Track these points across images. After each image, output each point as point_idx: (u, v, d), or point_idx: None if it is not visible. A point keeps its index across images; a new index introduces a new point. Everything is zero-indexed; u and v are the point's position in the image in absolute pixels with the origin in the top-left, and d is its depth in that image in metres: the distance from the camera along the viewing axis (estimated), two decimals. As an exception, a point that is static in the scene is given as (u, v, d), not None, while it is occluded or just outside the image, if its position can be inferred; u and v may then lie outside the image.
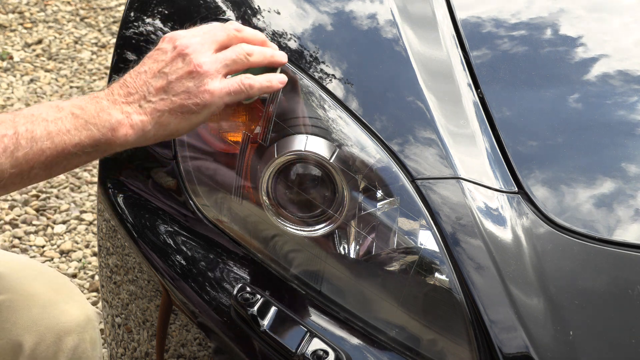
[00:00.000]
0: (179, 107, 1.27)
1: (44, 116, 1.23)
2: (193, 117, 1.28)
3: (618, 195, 1.35)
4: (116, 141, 1.25)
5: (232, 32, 1.34)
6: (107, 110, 1.25)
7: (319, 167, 1.35)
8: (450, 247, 1.28)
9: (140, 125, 1.26)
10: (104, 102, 1.26)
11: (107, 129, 1.24)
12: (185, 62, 1.28)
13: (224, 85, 1.29)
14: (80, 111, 1.24)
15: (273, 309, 1.32)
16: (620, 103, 1.49)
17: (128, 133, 1.25)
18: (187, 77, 1.28)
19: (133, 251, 1.52)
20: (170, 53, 1.29)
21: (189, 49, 1.29)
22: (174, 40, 1.30)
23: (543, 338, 1.22)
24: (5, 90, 3.67)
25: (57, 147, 1.22)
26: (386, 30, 1.54)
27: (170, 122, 1.27)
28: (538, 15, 1.66)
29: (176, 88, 1.27)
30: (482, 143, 1.39)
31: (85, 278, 2.81)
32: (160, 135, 1.28)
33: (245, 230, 1.41)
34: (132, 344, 1.63)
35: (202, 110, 1.28)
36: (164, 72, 1.28)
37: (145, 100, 1.27)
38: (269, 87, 1.34)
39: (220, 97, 1.29)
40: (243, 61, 1.32)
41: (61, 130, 1.22)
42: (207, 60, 1.29)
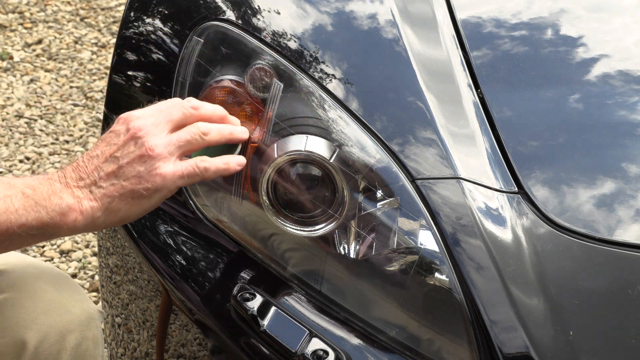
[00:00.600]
0: (129, 193, 1.24)
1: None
2: (144, 202, 1.25)
3: (618, 196, 1.35)
4: (64, 226, 1.22)
5: (189, 110, 1.30)
6: (59, 193, 1.22)
7: (319, 167, 1.35)
8: (450, 247, 1.28)
9: (90, 212, 1.23)
10: (57, 185, 1.23)
11: (56, 213, 1.21)
12: (137, 146, 1.24)
13: (177, 168, 1.26)
14: (32, 191, 1.21)
15: (273, 309, 1.32)
16: (621, 103, 1.49)
17: (77, 219, 1.22)
18: (138, 161, 1.24)
19: (133, 251, 1.52)
20: (122, 136, 1.26)
21: (142, 131, 1.25)
22: (128, 122, 1.27)
23: (543, 338, 1.22)
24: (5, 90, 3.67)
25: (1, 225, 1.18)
26: (386, 30, 1.54)
27: (121, 207, 1.24)
28: (538, 15, 1.66)
29: (127, 173, 1.24)
30: (482, 143, 1.39)
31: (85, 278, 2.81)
32: (110, 221, 1.25)
33: (245, 230, 1.41)
34: (132, 344, 1.63)
35: (153, 195, 1.25)
36: (116, 157, 1.24)
37: (96, 186, 1.24)
38: (225, 169, 1.30)
39: (172, 180, 1.25)
40: (198, 141, 1.28)
41: (8, 209, 1.19)
42: (160, 143, 1.25)
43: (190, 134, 1.28)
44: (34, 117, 3.52)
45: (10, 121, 3.49)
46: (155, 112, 1.28)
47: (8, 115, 3.52)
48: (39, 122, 3.49)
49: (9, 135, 3.41)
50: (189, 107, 1.30)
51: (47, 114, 3.54)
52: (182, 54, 1.51)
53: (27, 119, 3.51)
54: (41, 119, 3.51)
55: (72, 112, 3.56)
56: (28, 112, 3.54)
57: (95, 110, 3.57)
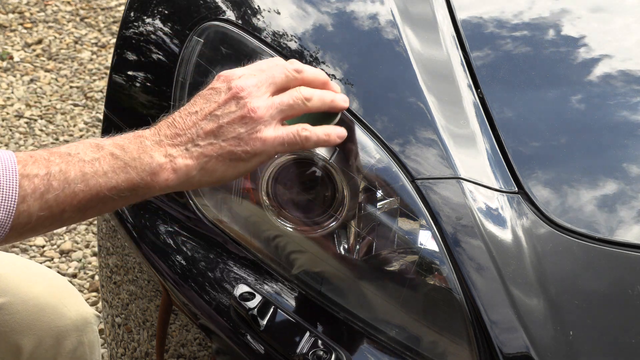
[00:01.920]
0: (227, 154, 1.19)
1: (80, 156, 1.16)
2: (241, 165, 1.21)
3: (618, 196, 1.35)
4: (156, 186, 1.18)
5: (292, 73, 1.25)
6: (150, 152, 1.18)
7: (319, 167, 1.35)
8: (450, 247, 1.28)
9: (184, 170, 1.18)
10: (147, 142, 1.18)
11: (147, 173, 1.17)
12: (239, 106, 1.20)
13: (278, 133, 1.21)
14: (121, 151, 1.17)
15: (273, 309, 1.32)
16: (621, 103, 1.49)
17: (169, 178, 1.18)
18: (239, 121, 1.20)
19: (133, 251, 1.52)
20: (224, 94, 1.21)
21: (244, 91, 1.21)
22: (230, 80, 1.22)
23: (543, 338, 1.22)
24: (5, 90, 3.67)
25: (92, 190, 1.15)
26: (386, 30, 1.54)
27: (217, 169, 1.20)
28: (538, 15, 1.66)
29: (227, 133, 1.19)
30: (482, 143, 1.39)
31: (85, 278, 2.81)
32: (205, 181, 1.21)
33: (245, 230, 1.41)
34: (132, 344, 1.63)
35: (251, 159, 1.21)
36: (216, 115, 1.20)
37: (192, 144, 1.19)
38: (326, 141, 1.26)
39: (272, 146, 1.21)
40: (300, 106, 1.23)
41: (97, 173, 1.15)
42: (262, 105, 1.21)
43: (293, 99, 1.23)
44: (34, 117, 3.52)
45: (10, 121, 3.49)
46: (258, 72, 1.24)
47: (8, 115, 3.52)
48: (39, 122, 3.49)
49: (9, 135, 3.41)
50: (292, 69, 1.25)
51: (47, 114, 3.54)
52: (182, 54, 1.51)
53: (27, 119, 3.51)
54: (41, 119, 3.51)
55: (72, 112, 3.56)
56: (28, 112, 3.54)
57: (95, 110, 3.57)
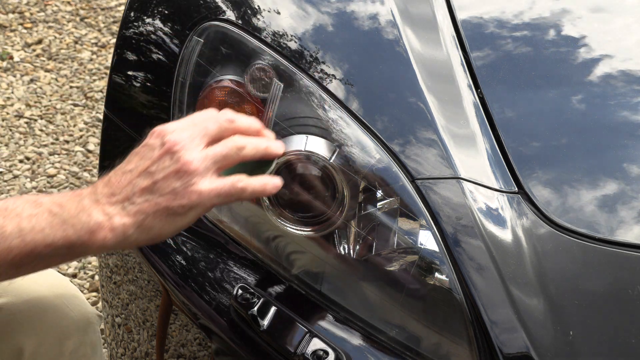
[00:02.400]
0: (164, 210, 1.18)
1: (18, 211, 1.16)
2: (178, 220, 1.19)
3: (618, 196, 1.35)
4: (93, 245, 1.17)
5: (225, 124, 1.24)
6: (88, 210, 1.17)
7: (319, 167, 1.35)
8: (450, 247, 1.28)
9: (121, 229, 1.17)
10: (85, 202, 1.18)
11: (84, 231, 1.16)
12: (173, 160, 1.19)
13: (213, 186, 1.20)
14: (59, 209, 1.17)
15: (273, 309, 1.32)
16: (621, 104, 1.49)
17: (107, 237, 1.17)
18: (174, 176, 1.19)
19: (133, 251, 1.52)
20: (157, 150, 1.20)
21: (178, 145, 1.20)
22: (163, 135, 1.21)
23: (543, 338, 1.22)
24: (5, 90, 3.67)
25: (27, 246, 1.14)
26: (387, 31, 1.54)
27: (154, 225, 1.19)
28: (539, 15, 1.66)
29: (162, 188, 1.18)
30: (482, 143, 1.39)
31: (85, 278, 2.81)
32: (142, 239, 1.20)
33: (245, 230, 1.41)
34: (132, 344, 1.63)
35: (188, 213, 1.19)
36: (150, 171, 1.19)
37: (129, 202, 1.18)
38: (262, 191, 1.24)
39: (209, 198, 1.20)
40: (234, 157, 1.23)
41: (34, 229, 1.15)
42: (196, 157, 1.20)
43: (227, 148, 1.22)
44: (34, 117, 3.52)
45: (10, 121, 3.49)
46: (190, 125, 1.23)
47: (8, 115, 3.52)
48: (39, 122, 3.49)
49: (9, 135, 3.41)
50: (224, 120, 1.25)
51: (47, 114, 3.54)
52: (182, 54, 1.51)
53: (27, 119, 3.51)
54: (41, 119, 3.51)
55: (72, 112, 3.56)
56: (28, 112, 3.54)
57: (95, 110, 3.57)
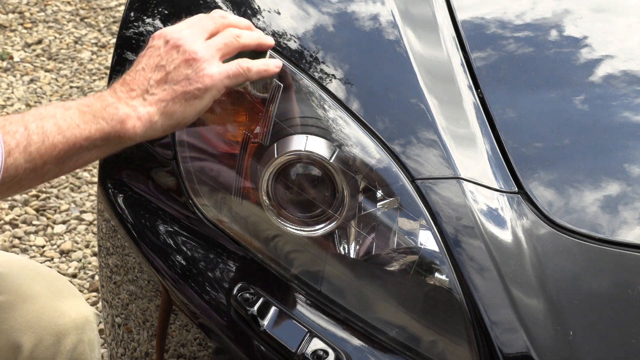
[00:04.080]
0: (182, 95, 1.30)
1: (52, 113, 1.26)
2: (197, 103, 1.31)
3: (618, 196, 1.35)
4: (126, 133, 1.28)
5: (219, 19, 1.37)
6: (113, 105, 1.28)
7: (319, 167, 1.35)
8: (451, 247, 1.28)
9: (147, 117, 1.28)
10: (109, 99, 1.29)
11: (115, 122, 1.27)
12: (180, 52, 1.31)
13: (222, 68, 1.32)
14: (87, 108, 1.27)
15: (273, 309, 1.32)
16: (622, 104, 1.49)
17: (136, 125, 1.28)
18: (184, 65, 1.30)
19: (133, 251, 1.52)
20: (163, 47, 1.32)
21: (181, 40, 1.32)
22: (164, 35, 1.34)
23: (543, 338, 1.22)
24: (5, 90, 3.67)
25: (69, 140, 1.25)
26: (387, 31, 1.54)
27: (176, 110, 1.30)
28: (539, 16, 1.66)
29: (176, 77, 1.30)
30: (482, 144, 1.39)
31: (85, 278, 2.81)
32: (168, 125, 1.31)
33: (245, 230, 1.41)
34: (132, 344, 1.63)
35: (204, 95, 1.31)
36: (162, 65, 1.31)
37: (148, 94, 1.29)
38: (266, 70, 1.36)
39: (220, 79, 1.31)
40: (234, 43, 1.35)
41: (71, 125, 1.25)
42: (201, 47, 1.32)
43: (226, 38, 1.35)
44: (34, 117, 3.52)
45: (10, 121, 3.49)
46: (188, 24, 1.36)
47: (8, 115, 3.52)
48: (39, 122, 3.49)
49: (9, 135, 3.41)
50: (218, 17, 1.38)
51: (47, 114, 3.53)
52: (183, 54, 1.51)
53: (27, 119, 3.50)
54: (41, 119, 3.51)
55: (72, 112, 3.56)
56: (28, 112, 3.54)
57: (95, 111, 3.57)
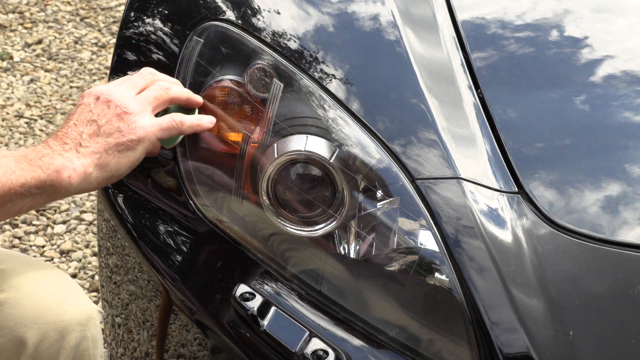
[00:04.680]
0: (115, 146, 1.33)
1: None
2: (130, 154, 1.34)
3: (618, 196, 1.35)
4: (61, 183, 1.29)
5: (148, 76, 1.41)
6: (49, 155, 1.30)
7: (319, 167, 1.35)
8: (451, 247, 1.28)
9: (82, 169, 1.31)
10: (44, 151, 1.31)
11: (51, 170, 1.29)
12: (112, 107, 1.34)
13: (154, 121, 1.36)
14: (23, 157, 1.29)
15: (273, 309, 1.32)
16: (623, 105, 1.49)
17: (72, 176, 1.30)
18: (116, 119, 1.34)
19: (133, 251, 1.52)
20: (94, 104, 1.35)
21: (111, 95, 1.36)
22: (95, 93, 1.36)
23: (543, 338, 1.22)
24: (5, 90, 3.67)
25: (4, 186, 1.26)
26: (387, 31, 1.54)
27: (110, 161, 1.33)
28: (539, 16, 1.66)
29: (108, 130, 1.33)
30: (482, 144, 1.39)
31: (85, 278, 2.81)
32: (102, 177, 1.33)
33: (245, 230, 1.41)
34: (132, 344, 1.63)
35: (137, 146, 1.34)
36: (93, 120, 1.34)
37: (81, 146, 1.32)
38: (199, 125, 1.40)
39: (152, 132, 1.35)
40: (164, 96, 1.39)
41: (7, 171, 1.26)
42: (132, 101, 1.35)
43: (155, 91, 1.39)
44: (34, 117, 3.52)
45: (10, 121, 3.49)
46: (118, 83, 1.39)
47: (8, 115, 3.52)
48: (39, 122, 3.49)
49: (9, 135, 3.41)
50: (147, 73, 1.42)
51: (47, 114, 3.54)
52: (182, 54, 1.51)
53: (27, 119, 3.51)
54: (41, 119, 3.51)
55: (72, 112, 3.56)
56: (28, 112, 3.54)
57: (95, 111, 3.57)
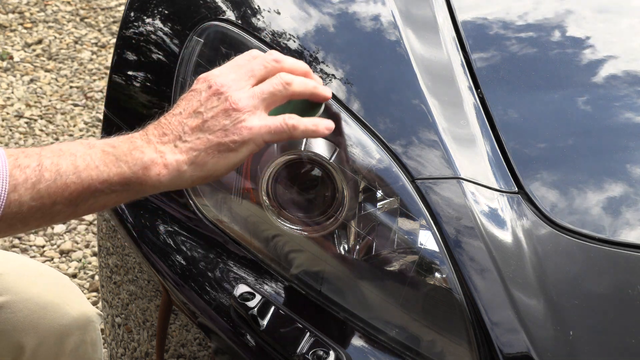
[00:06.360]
0: (216, 146, 1.20)
1: (72, 151, 1.17)
2: (231, 156, 1.21)
3: (619, 196, 1.35)
4: (148, 181, 1.18)
5: (271, 63, 1.26)
6: (140, 148, 1.19)
7: (319, 167, 1.35)
8: (451, 247, 1.28)
9: (175, 165, 1.19)
10: (138, 142, 1.20)
11: (138, 167, 1.18)
12: (221, 100, 1.21)
13: (264, 122, 1.22)
14: (112, 149, 1.19)
15: (273, 309, 1.32)
16: (624, 105, 1.49)
17: (161, 173, 1.19)
18: (223, 114, 1.21)
19: (133, 251, 1.52)
20: (204, 93, 1.23)
21: (224, 87, 1.22)
22: (209, 79, 1.24)
23: (543, 338, 1.22)
24: (5, 90, 3.67)
25: (83, 182, 1.16)
26: (387, 32, 1.54)
27: (208, 161, 1.20)
28: (540, 16, 1.66)
29: (212, 126, 1.20)
30: (482, 144, 1.39)
31: (85, 278, 2.81)
32: (197, 176, 1.21)
33: (245, 230, 1.41)
34: (132, 344, 1.63)
35: (240, 148, 1.21)
36: (199, 112, 1.21)
37: (180, 140, 1.20)
38: (314, 131, 1.25)
39: (259, 134, 1.21)
40: (282, 92, 1.24)
41: (89, 166, 1.16)
42: (244, 96, 1.22)
43: (273, 86, 1.23)
44: (34, 117, 3.52)
45: (10, 121, 3.49)
46: (236, 68, 1.25)
47: (8, 115, 3.52)
48: (39, 122, 3.49)
49: (9, 135, 3.41)
50: (271, 60, 1.26)
51: (47, 114, 3.54)
52: (182, 54, 1.51)
53: (27, 119, 3.51)
54: (41, 119, 3.51)
55: (72, 112, 3.56)
56: (28, 112, 3.54)
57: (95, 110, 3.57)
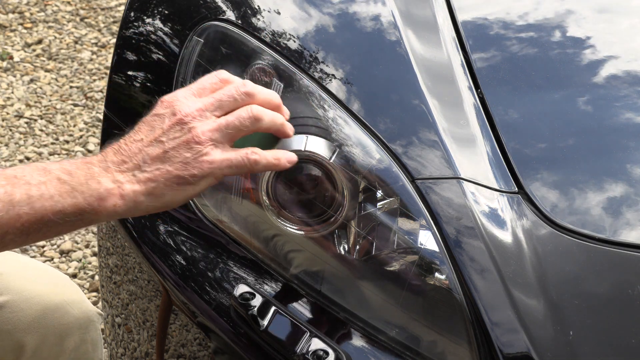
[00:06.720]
0: (175, 178, 1.18)
1: (27, 179, 1.15)
2: (189, 189, 1.19)
3: (619, 196, 1.35)
4: (103, 212, 1.17)
5: (242, 97, 1.22)
6: (97, 177, 1.17)
7: (319, 167, 1.35)
8: (451, 247, 1.28)
9: (131, 196, 1.17)
10: (95, 169, 1.18)
11: (94, 198, 1.16)
12: (184, 131, 1.19)
13: (225, 156, 1.20)
14: (68, 177, 1.16)
15: (273, 309, 1.32)
16: (624, 105, 1.49)
17: (117, 203, 1.17)
18: (185, 146, 1.18)
19: (133, 251, 1.52)
20: (167, 120, 1.20)
21: (189, 117, 1.19)
22: (173, 105, 1.20)
23: (543, 338, 1.22)
24: (5, 90, 3.67)
25: (37, 213, 1.14)
26: (387, 32, 1.54)
27: (165, 193, 1.18)
28: (540, 17, 1.66)
29: (173, 157, 1.18)
30: (482, 144, 1.39)
31: (85, 278, 2.81)
32: (153, 206, 1.19)
33: (245, 230, 1.41)
34: (132, 344, 1.63)
35: (199, 182, 1.19)
36: (161, 140, 1.19)
37: (139, 170, 1.18)
38: (276, 165, 1.23)
39: (220, 169, 1.19)
40: (249, 127, 1.21)
41: (43, 196, 1.14)
42: (207, 129, 1.19)
43: (240, 120, 1.20)
44: (34, 117, 3.52)
45: (10, 121, 3.49)
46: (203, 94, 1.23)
47: (8, 115, 3.52)
48: (39, 122, 3.49)
49: (9, 135, 3.41)
50: (242, 93, 1.22)
51: (47, 114, 3.54)
52: (182, 54, 1.51)
53: (27, 119, 3.51)
54: (41, 119, 3.51)
55: (72, 112, 3.56)
56: (28, 112, 3.54)
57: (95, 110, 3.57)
